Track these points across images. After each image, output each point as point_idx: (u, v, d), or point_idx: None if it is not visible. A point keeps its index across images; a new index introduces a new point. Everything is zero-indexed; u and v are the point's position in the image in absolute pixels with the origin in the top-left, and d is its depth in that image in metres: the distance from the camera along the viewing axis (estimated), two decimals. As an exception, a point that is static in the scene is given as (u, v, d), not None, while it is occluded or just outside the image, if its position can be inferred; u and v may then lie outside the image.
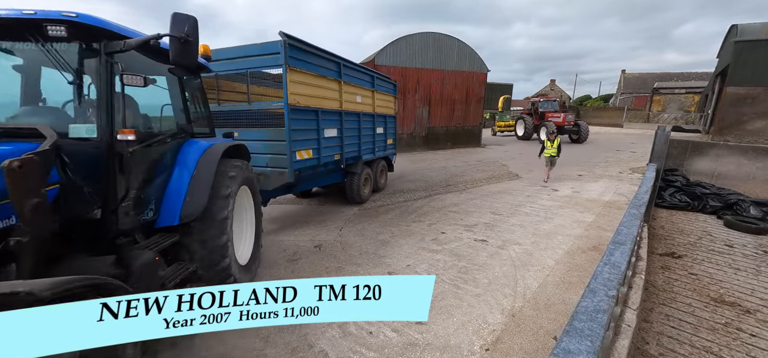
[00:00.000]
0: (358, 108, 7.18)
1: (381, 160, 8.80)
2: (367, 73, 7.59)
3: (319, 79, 5.76)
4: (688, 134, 17.67)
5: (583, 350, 1.22)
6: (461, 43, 18.87)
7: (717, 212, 6.64)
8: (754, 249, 5.02)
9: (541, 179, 10.21)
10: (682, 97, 38.07)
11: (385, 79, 8.49)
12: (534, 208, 7.43)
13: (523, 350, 3.00)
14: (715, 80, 18.77)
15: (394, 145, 9.54)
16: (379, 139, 8.32)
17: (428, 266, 4.61)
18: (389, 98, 8.87)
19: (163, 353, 3.01)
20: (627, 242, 2.40)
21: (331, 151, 6.30)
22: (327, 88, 6.05)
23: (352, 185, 7.39)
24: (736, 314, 3.40)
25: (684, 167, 8.46)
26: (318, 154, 5.87)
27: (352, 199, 7.49)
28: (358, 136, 7.29)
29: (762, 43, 13.17)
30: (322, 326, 3.33)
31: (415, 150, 18.67)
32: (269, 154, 5.38)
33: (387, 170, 9.43)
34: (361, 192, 7.51)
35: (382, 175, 9.09)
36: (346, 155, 6.87)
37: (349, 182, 7.37)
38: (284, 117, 5.02)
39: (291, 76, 4.99)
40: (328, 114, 6.09)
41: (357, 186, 7.39)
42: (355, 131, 7.15)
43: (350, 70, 6.75)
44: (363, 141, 7.51)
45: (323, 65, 5.88)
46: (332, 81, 6.21)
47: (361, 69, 7.25)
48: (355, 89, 6.99)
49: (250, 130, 5.41)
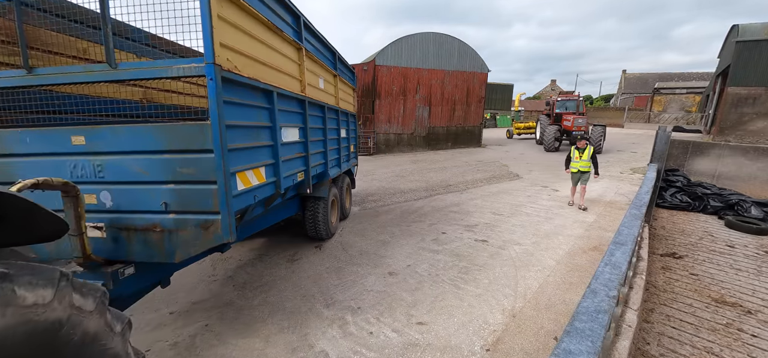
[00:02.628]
0: (322, 98, 4.91)
1: (345, 176, 6.82)
2: (328, 48, 5.20)
3: (271, 33, 3.21)
4: (689, 134, 17.68)
5: (584, 350, 1.22)
6: (462, 43, 18.87)
7: (718, 213, 6.64)
8: (755, 250, 5.01)
9: (542, 179, 10.03)
10: (683, 98, 38.02)
11: (344, 64, 6.30)
12: (535, 208, 7.42)
13: (524, 350, 3.00)
14: (716, 80, 18.77)
15: (356, 153, 7.66)
16: (344, 145, 6.37)
17: (429, 266, 4.61)
18: (349, 90, 6.97)
19: (163, 352, 3.02)
20: (628, 242, 2.40)
21: (292, 167, 3.89)
22: (283, 55, 3.51)
23: (318, 216, 5.17)
24: (737, 315, 3.39)
25: (685, 167, 8.45)
26: (275, 175, 3.40)
27: (318, 234, 5.35)
28: (324, 142, 5.02)
29: (763, 44, 13.16)
30: (323, 326, 3.34)
31: (415, 150, 18.68)
32: (173, 186, 2.47)
33: (351, 187, 7.45)
34: (329, 224, 5.44)
35: (348, 194, 7.05)
36: (312, 172, 4.52)
37: (313, 212, 5.17)
38: (209, 98, 2.34)
39: (220, 7, 2.37)
40: (288, 102, 3.69)
41: (324, 216, 5.22)
42: (320, 134, 4.87)
43: (312, 36, 4.39)
44: (330, 149, 5.32)
45: (277, 13, 3.36)
46: (290, 44, 3.68)
47: (322, 39, 4.81)
48: (318, 67, 4.76)
49: (118, 129, 2.49)
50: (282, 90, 3.46)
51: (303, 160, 4.25)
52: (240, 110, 2.72)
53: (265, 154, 3.20)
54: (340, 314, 3.54)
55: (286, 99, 3.66)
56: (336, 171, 5.72)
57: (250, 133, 2.91)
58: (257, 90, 3.01)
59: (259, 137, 3.07)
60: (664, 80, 42.74)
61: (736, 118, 14.09)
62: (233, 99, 2.58)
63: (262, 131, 3.16)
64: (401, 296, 3.88)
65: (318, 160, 4.82)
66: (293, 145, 3.91)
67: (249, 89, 2.85)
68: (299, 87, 4.03)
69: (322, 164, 5.00)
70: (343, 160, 6.23)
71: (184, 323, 3.42)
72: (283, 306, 3.70)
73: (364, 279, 4.29)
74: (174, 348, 3.07)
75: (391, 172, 11.94)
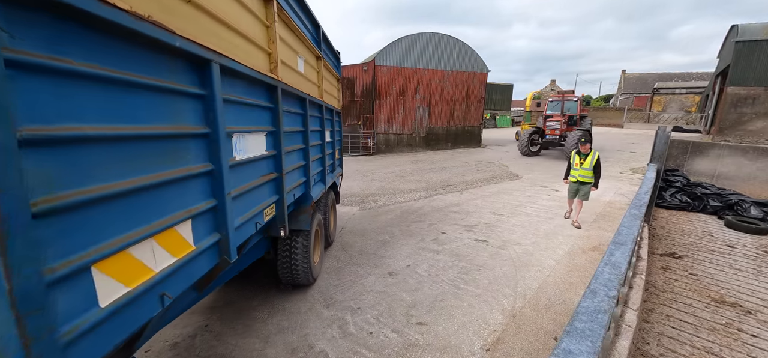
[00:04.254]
0: (301, 85, 3.34)
1: (330, 190, 5.28)
2: (311, 18, 3.75)
3: None
4: (689, 134, 17.70)
5: (584, 350, 1.22)
6: (462, 44, 18.88)
7: (718, 213, 6.64)
8: (755, 249, 5.01)
9: (541, 179, 9.91)
10: (682, 98, 38.07)
11: (328, 45, 4.73)
12: (534, 208, 7.42)
13: (524, 350, 3.00)
14: (716, 80, 18.79)
15: (341, 160, 6.29)
16: (330, 152, 5.06)
17: (428, 266, 4.60)
18: (334, 81, 5.42)
19: (163, 352, 3.02)
20: (627, 242, 2.40)
21: (255, 202, 2.37)
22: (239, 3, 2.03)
23: (295, 257, 3.70)
24: (736, 315, 3.39)
25: (684, 167, 8.46)
26: (219, 228, 1.87)
27: (295, 280, 3.86)
28: (304, 151, 3.60)
29: (762, 44, 13.18)
30: (322, 326, 3.34)
31: (415, 150, 18.68)
32: None
33: (335, 203, 5.95)
34: (311, 264, 3.89)
35: (333, 214, 5.58)
36: (289, 199, 3.16)
37: (289, 253, 3.70)
38: None
39: None
40: (244, 86, 2.15)
41: (304, 256, 3.74)
42: (299, 140, 3.46)
43: None
44: (313, 159, 3.92)
45: None
46: None
47: None
48: (297, 41, 3.22)
49: None
50: (231, 62, 1.85)
51: (274, 186, 2.72)
52: None
53: (192, 192, 1.64)
54: (340, 315, 3.54)
55: (242, 80, 2.09)
56: (320, 189, 4.28)
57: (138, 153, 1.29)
58: (193, 54, 1.52)
59: (174, 161, 1.50)
60: (664, 80, 42.79)
61: (736, 118, 14.11)
62: None
63: (187, 148, 1.59)
64: (401, 296, 3.88)
65: (297, 178, 3.37)
66: (255, 164, 2.34)
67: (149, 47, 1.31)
68: (266, 62, 2.45)
69: (302, 183, 3.56)
70: (328, 172, 4.81)
71: (184, 323, 3.42)
72: (282, 306, 3.70)
73: (363, 279, 4.29)
74: (174, 349, 3.07)
75: (391, 173, 11.94)
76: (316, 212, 4.16)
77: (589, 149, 6.07)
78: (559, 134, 14.76)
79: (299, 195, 3.55)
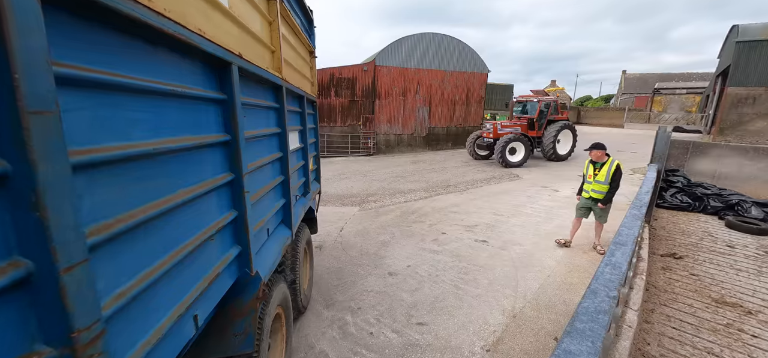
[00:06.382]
0: (230, 44, 1.54)
1: (304, 226, 3.62)
2: None
3: None
4: (690, 135, 17.69)
5: (584, 350, 1.22)
6: (462, 44, 18.87)
7: (718, 213, 6.62)
8: (756, 250, 5.00)
9: (542, 179, 10.00)
10: (683, 98, 38.04)
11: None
12: (535, 208, 7.42)
13: (524, 350, 2.99)
14: (716, 81, 18.78)
15: (317, 171, 4.40)
16: (301, 165, 3.37)
17: (429, 267, 4.60)
18: (305, 51, 3.62)
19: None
20: (628, 242, 2.39)
21: None
22: None
23: None
24: (737, 315, 3.39)
25: (685, 168, 8.45)
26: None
27: None
28: (234, 184, 1.68)
29: (763, 44, 13.18)
30: (323, 327, 3.33)
31: (415, 150, 18.67)
32: None
33: (310, 242, 3.97)
34: None
35: (307, 260, 3.77)
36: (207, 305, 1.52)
37: None
38: None
39: None
40: None
41: None
42: (221, 164, 1.65)
43: None
44: (257, 196, 2.03)
45: None
46: None
47: None
48: None
49: None
50: None
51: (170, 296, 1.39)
52: None
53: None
54: (340, 315, 3.54)
55: None
56: (285, 236, 2.60)
57: None
58: None
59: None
60: (665, 80, 42.74)
61: (736, 119, 14.10)
62: None
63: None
64: (401, 296, 3.88)
65: (216, 255, 1.59)
66: None
67: None
68: None
69: (229, 262, 1.68)
70: (295, 202, 3.01)
71: (184, 324, 3.41)
72: (283, 307, 3.70)
73: (364, 280, 4.29)
74: (174, 349, 3.07)
75: (392, 173, 11.94)
76: (273, 288, 2.27)
77: (603, 157, 4.87)
78: (493, 138, 12.96)
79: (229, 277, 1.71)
